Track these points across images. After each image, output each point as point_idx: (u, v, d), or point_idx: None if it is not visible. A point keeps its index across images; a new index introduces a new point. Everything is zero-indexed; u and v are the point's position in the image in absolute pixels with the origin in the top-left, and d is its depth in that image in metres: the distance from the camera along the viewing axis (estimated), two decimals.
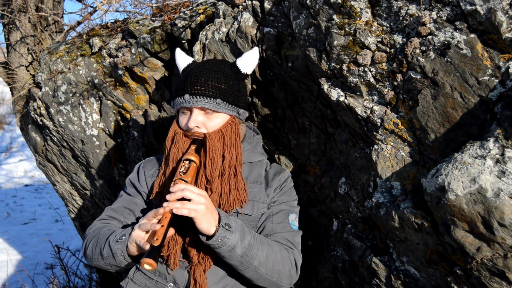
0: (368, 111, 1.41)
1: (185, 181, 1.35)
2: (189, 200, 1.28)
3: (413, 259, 1.36)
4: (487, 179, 1.09)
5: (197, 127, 1.48)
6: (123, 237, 1.34)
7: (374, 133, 1.42)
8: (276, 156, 1.86)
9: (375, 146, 1.40)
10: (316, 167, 1.75)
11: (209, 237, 1.31)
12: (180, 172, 1.38)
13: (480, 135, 1.21)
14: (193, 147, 1.45)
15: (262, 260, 1.37)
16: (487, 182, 1.09)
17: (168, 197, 1.29)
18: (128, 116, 2.38)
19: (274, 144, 1.88)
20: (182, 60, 1.67)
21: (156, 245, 1.20)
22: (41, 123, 2.64)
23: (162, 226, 1.24)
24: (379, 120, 1.39)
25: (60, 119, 2.51)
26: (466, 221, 1.13)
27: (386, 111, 1.39)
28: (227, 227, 1.32)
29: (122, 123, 2.41)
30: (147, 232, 1.30)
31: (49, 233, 5.21)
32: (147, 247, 1.23)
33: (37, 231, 5.30)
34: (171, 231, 1.32)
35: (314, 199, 1.77)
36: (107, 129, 2.43)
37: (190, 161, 1.40)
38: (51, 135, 2.65)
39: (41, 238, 4.90)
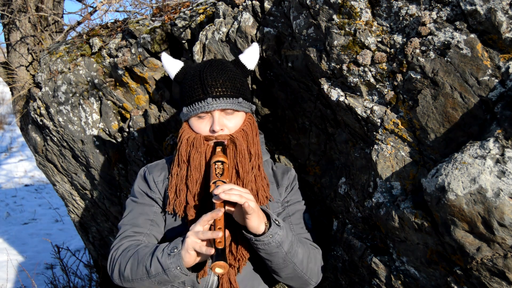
0: (368, 111, 1.41)
1: (225, 182, 1.34)
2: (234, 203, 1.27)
3: (413, 259, 1.36)
4: (487, 179, 1.09)
5: (221, 129, 1.47)
6: (175, 250, 1.27)
7: (374, 133, 1.41)
8: (276, 156, 1.86)
9: (375, 146, 1.40)
10: (316, 167, 1.74)
11: (257, 235, 1.30)
12: (216, 174, 1.37)
13: (480, 135, 1.21)
14: (218, 149, 1.45)
15: (300, 257, 1.39)
16: (487, 182, 1.09)
17: (223, 196, 1.26)
18: (128, 116, 2.38)
19: (274, 144, 1.88)
20: (171, 65, 1.61)
21: (221, 247, 1.19)
22: (41, 123, 2.64)
23: (220, 228, 1.23)
24: (379, 120, 1.39)
25: (60, 119, 2.51)
26: (466, 221, 1.13)
27: (386, 111, 1.39)
28: (277, 222, 1.32)
29: (122, 123, 2.41)
30: (203, 240, 1.24)
31: (49, 233, 5.21)
32: (212, 251, 1.20)
33: (37, 231, 5.30)
34: (227, 232, 1.29)
35: (314, 199, 1.77)
36: (107, 129, 2.43)
37: (222, 162, 1.40)
38: (51, 135, 2.65)
39: (41, 238, 4.90)
